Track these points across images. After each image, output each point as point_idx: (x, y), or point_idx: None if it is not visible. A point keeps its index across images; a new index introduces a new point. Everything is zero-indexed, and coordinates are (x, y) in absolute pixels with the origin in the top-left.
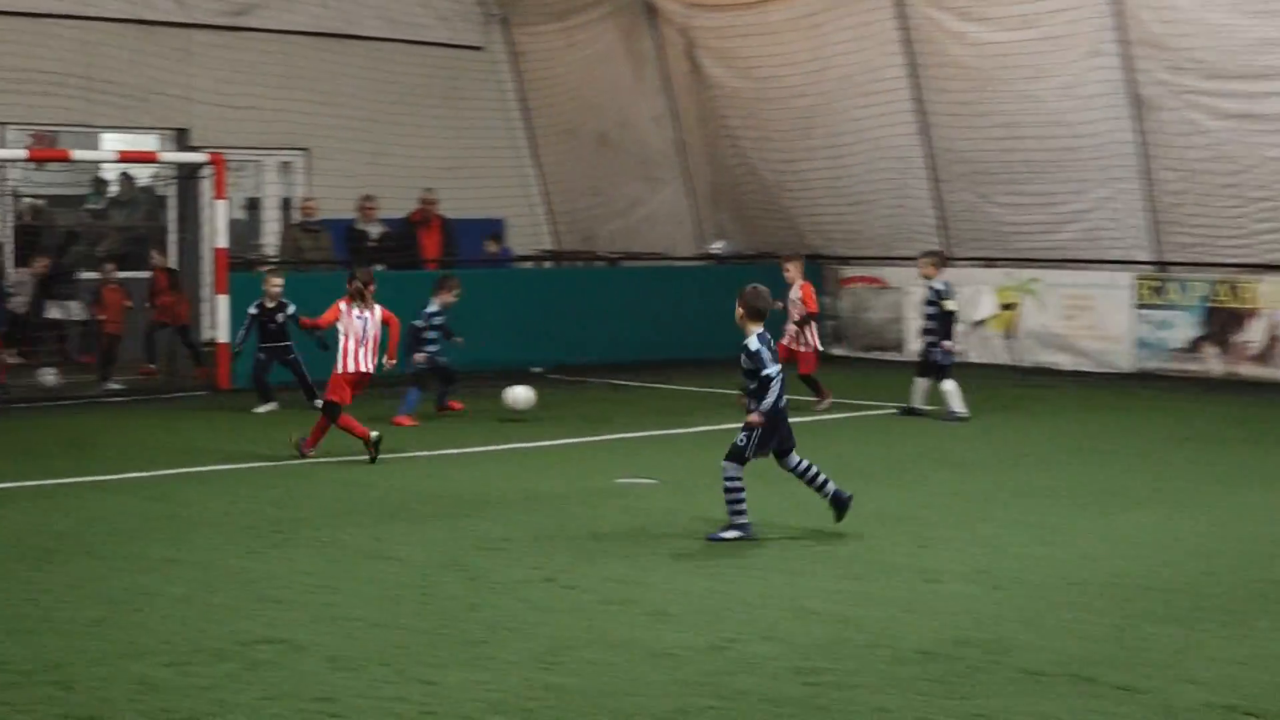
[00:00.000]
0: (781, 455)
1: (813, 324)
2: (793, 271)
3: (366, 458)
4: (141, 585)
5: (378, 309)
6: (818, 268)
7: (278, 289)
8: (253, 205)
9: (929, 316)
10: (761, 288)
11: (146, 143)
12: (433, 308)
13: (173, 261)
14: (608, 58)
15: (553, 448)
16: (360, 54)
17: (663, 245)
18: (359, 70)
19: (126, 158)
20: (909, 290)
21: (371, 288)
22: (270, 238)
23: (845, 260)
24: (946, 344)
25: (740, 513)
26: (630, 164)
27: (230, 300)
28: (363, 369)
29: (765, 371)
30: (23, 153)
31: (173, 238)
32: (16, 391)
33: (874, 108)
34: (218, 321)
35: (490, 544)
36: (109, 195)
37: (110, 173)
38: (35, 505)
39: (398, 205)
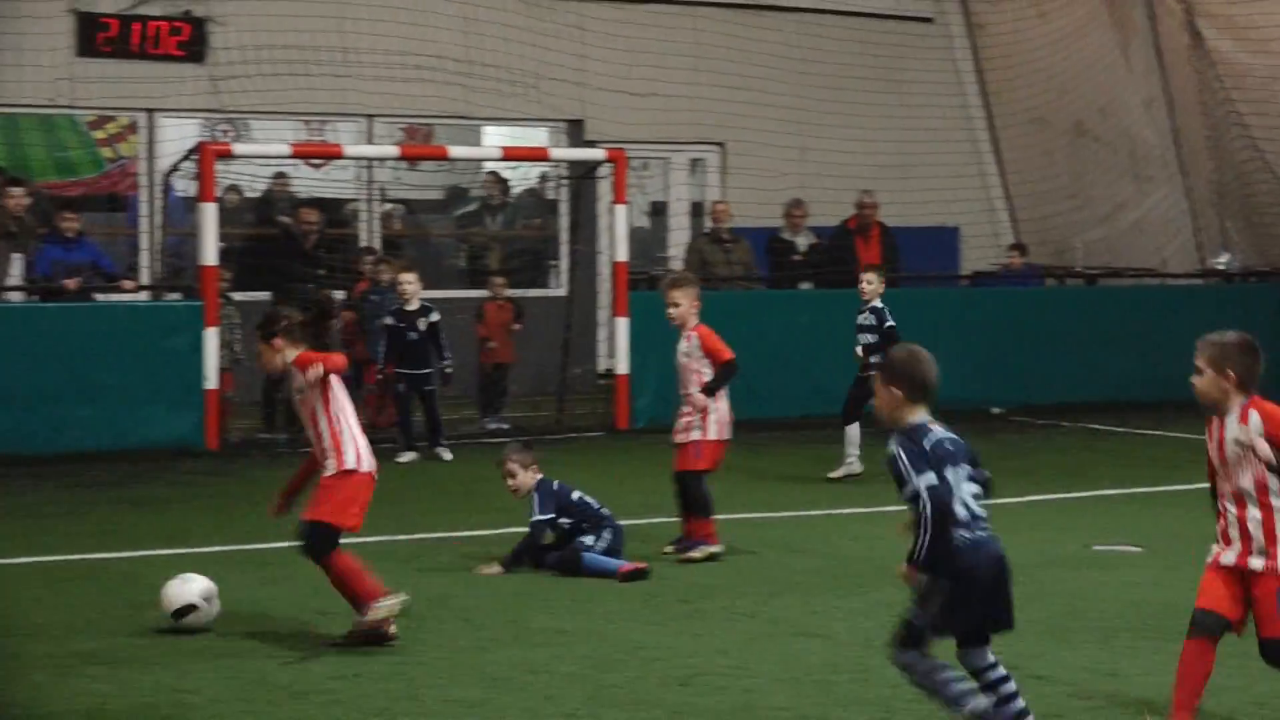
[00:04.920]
0: (969, 641)
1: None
2: None
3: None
4: (525, 661)
5: (693, 331)
6: None
7: (411, 286)
8: (657, 210)
9: None
10: (920, 351)
11: (535, 137)
12: None
13: (564, 278)
14: (1087, 30)
15: (1017, 505)
16: (784, 29)
17: (1153, 259)
18: (783, 49)
19: (511, 155)
20: None
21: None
22: (677, 249)
23: None
24: None
25: (964, 697)
26: (1114, 160)
27: (630, 324)
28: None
29: (910, 486)
30: (394, 149)
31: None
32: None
33: None
34: (617, 349)
35: None
36: (482, 199)
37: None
38: (406, 564)
39: (829, 211)
